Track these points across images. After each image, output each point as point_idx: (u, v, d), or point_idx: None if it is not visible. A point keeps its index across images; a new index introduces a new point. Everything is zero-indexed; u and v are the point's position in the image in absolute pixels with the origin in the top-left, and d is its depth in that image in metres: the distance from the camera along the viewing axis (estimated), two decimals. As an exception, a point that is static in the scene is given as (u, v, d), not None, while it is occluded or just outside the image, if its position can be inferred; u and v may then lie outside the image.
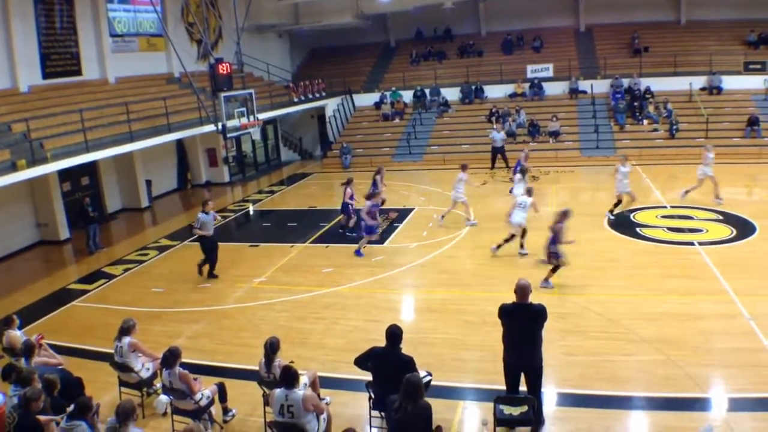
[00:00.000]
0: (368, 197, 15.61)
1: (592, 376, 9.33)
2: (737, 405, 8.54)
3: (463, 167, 17.35)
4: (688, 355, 9.87)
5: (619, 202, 17.35)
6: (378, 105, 31.52)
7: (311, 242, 17.12)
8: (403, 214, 18.86)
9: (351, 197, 17.35)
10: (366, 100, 32.37)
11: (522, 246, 14.68)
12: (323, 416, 7.34)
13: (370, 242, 15.58)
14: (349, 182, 17.57)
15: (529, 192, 14.69)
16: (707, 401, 8.73)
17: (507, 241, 14.56)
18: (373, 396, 7.62)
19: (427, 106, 30.76)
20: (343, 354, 9.68)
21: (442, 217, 17.63)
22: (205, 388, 8.24)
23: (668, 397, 8.77)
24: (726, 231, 15.95)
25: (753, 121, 26.19)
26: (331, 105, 31.56)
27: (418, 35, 35.50)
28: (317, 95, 30.73)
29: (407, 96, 31.35)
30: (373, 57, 35.33)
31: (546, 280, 12.60)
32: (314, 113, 32.52)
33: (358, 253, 15.37)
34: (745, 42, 30.90)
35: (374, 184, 18.04)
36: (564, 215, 12.59)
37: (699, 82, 29.32)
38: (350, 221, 17.45)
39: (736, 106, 28.10)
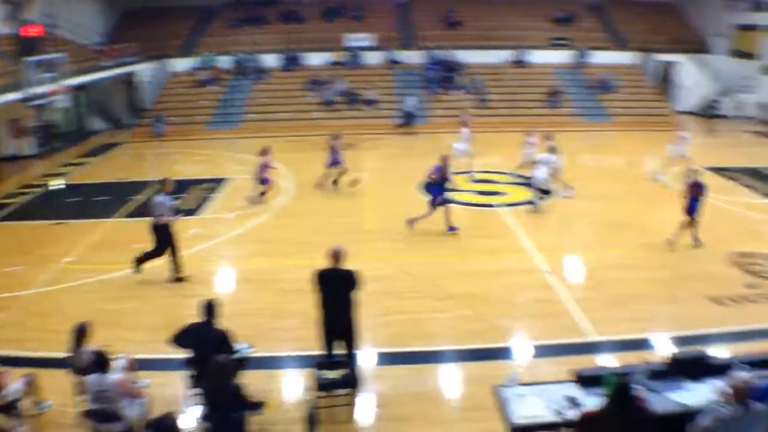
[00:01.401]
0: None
1: (407, 335, 9.86)
2: (538, 351, 9.49)
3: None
4: (493, 309, 10.76)
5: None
6: (194, 71, 30.23)
7: (122, 217, 16.31)
8: (218, 183, 18.51)
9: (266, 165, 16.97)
10: (182, 65, 30.76)
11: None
12: (141, 400, 7.11)
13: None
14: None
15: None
16: (511, 350, 9.60)
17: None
18: (192, 374, 7.52)
19: (246, 72, 30.18)
20: (159, 333, 9.06)
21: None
22: (13, 382, 7.71)
23: (477, 348, 9.54)
24: (526, 193, 17.30)
25: (554, 93, 28.52)
26: (144, 70, 29.97)
27: None
28: (130, 60, 28.84)
29: (225, 61, 30.44)
30: (192, 20, 33.58)
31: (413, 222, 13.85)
32: (127, 79, 30.62)
33: None
34: (553, 19, 33.31)
35: (333, 150, 17.74)
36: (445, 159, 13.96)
37: (508, 55, 31.23)
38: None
39: (540, 78, 30.38)
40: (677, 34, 33.17)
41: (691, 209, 13.25)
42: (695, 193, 13.19)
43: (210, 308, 7.40)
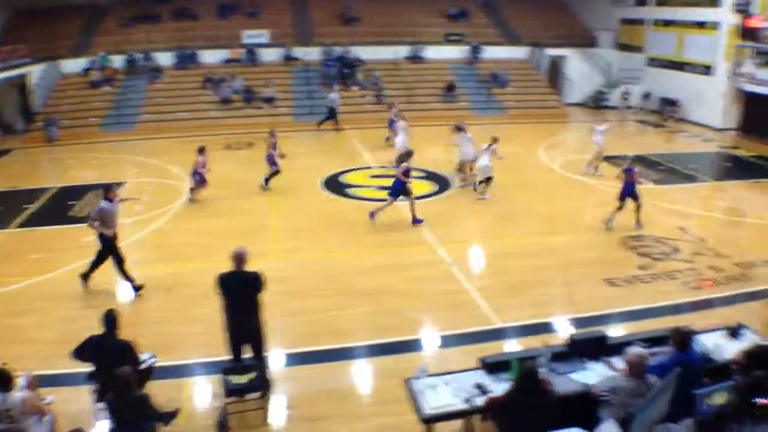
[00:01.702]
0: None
1: (316, 333, 9.83)
2: (446, 341, 9.69)
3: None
4: (399, 302, 10.89)
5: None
6: (86, 71, 28.71)
7: (16, 228, 15.29)
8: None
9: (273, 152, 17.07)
10: (74, 66, 28.96)
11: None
12: (47, 417, 6.75)
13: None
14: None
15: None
16: (420, 342, 9.76)
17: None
18: (96, 388, 7.21)
19: (140, 71, 29.13)
20: (60, 347, 8.51)
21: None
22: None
23: (386, 342, 9.62)
24: (428, 187, 17.62)
25: (450, 88, 29.14)
26: (35, 72, 28.27)
27: None
28: (20, 62, 26.99)
29: (118, 61, 29.21)
30: (83, 19, 31.67)
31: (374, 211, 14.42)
32: (18, 82, 28.77)
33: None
34: (446, 15, 33.94)
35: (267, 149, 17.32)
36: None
37: (404, 51, 31.60)
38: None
39: (436, 73, 30.90)
40: (566, 29, 34.44)
41: (624, 193, 14.19)
42: (629, 178, 14.12)
43: (110, 319, 7.12)
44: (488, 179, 16.67)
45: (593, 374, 6.79)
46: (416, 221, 14.74)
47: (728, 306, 10.88)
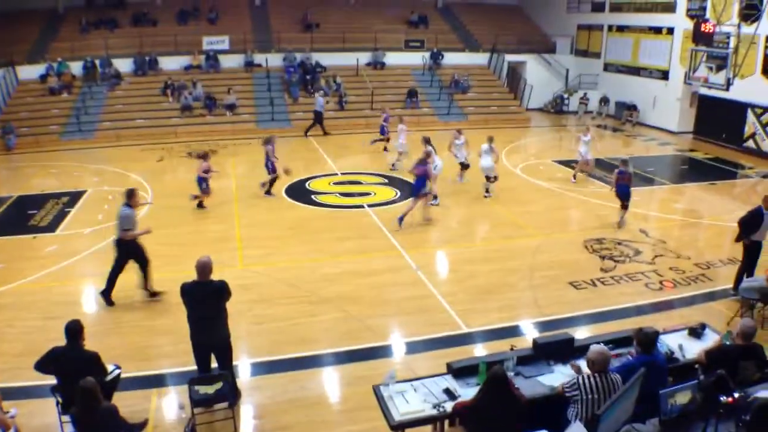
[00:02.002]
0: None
1: (282, 342, 9.74)
2: (414, 347, 9.71)
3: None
4: (366, 308, 10.87)
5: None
6: (44, 78, 28.08)
7: None
8: (74, 197, 17.44)
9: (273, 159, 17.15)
10: (31, 72, 28.14)
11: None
12: (10, 431, 6.66)
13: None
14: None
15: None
16: (388, 348, 9.75)
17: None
18: (60, 400, 7.05)
19: (99, 78, 28.61)
20: (22, 360, 8.56)
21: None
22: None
23: (353, 349, 9.58)
24: (391, 193, 17.66)
25: (412, 93, 29.34)
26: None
27: (89, 1, 32.18)
28: None
29: (76, 67, 28.68)
30: (39, 24, 30.80)
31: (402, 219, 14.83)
32: None
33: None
34: (407, 22, 34.12)
35: (267, 156, 17.12)
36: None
37: (365, 57, 31.68)
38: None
39: (397, 79, 31.11)
40: (524, 35, 34.87)
41: (621, 194, 14.88)
42: (621, 180, 14.75)
43: (74, 330, 6.97)
44: (495, 177, 17.26)
45: (560, 376, 6.87)
46: (401, 219, 14.94)
47: (690, 306, 11.13)
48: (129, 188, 11.19)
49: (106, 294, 11.04)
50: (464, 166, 18.57)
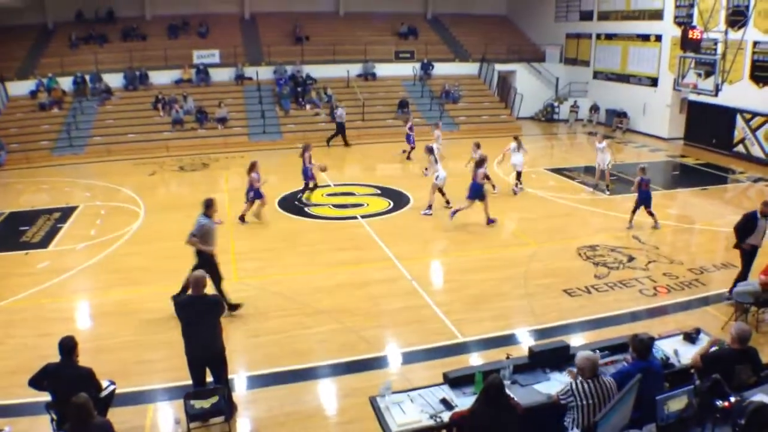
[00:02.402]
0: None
1: (277, 354, 9.71)
2: (410, 358, 9.69)
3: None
4: (361, 320, 10.86)
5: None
6: (34, 93, 27.95)
7: None
8: (66, 212, 17.38)
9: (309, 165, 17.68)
10: (21, 88, 28.07)
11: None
12: None
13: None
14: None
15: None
16: (384, 359, 9.73)
17: None
18: (55, 417, 6.98)
19: (89, 93, 28.49)
20: (16, 377, 8.49)
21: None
22: None
23: (349, 361, 9.55)
24: (384, 204, 17.66)
25: (403, 104, 29.40)
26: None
27: (78, 17, 32.17)
28: None
29: (66, 83, 28.58)
30: (29, 40, 30.80)
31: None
32: None
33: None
34: (397, 33, 34.29)
35: (304, 163, 17.71)
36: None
37: (356, 69, 31.77)
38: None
39: (388, 90, 31.20)
40: (514, 44, 34.97)
41: (641, 201, 15.22)
42: (645, 186, 15.03)
43: (68, 346, 6.92)
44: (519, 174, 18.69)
45: (556, 384, 6.87)
46: (490, 221, 15.72)
47: (684, 311, 11.16)
48: (207, 198, 11.11)
49: (229, 306, 10.75)
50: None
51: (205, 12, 33.26)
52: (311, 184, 18.16)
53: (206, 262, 10.40)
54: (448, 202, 16.88)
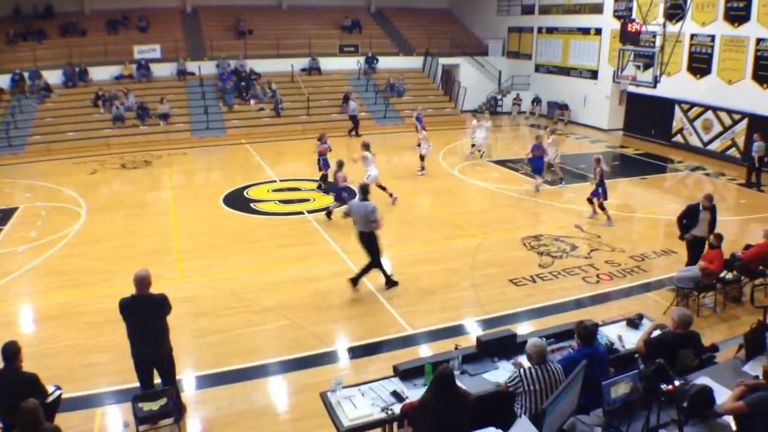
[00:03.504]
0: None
1: (226, 353, 9.60)
2: (360, 352, 9.71)
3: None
4: (309, 315, 10.82)
5: None
6: None
7: None
8: (6, 214, 16.79)
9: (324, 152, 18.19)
10: None
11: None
12: None
13: None
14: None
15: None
16: (334, 354, 9.72)
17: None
18: (1, 425, 6.76)
19: (28, 91, 27.48)
20: None
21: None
22: None
23: (299, 357, 9.51)
24: (330, 199, 17.56)
25: (348, 99, 29.22)
26: None
27: (15, 12, 30.85)
28: None
29: (4, 80, 27.43)
30: None
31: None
32: None
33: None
34: (341, 26, 34.15)
35: (321, 153, 18.22)
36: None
37: (300, 63, 31.55)
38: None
39: (333, 85, 31.05)
40: (457, 38, 35.27)
41: (595, 193, 15.46)
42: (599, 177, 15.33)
43: (11, 352, 6.72)
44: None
45: (505, 372, 6.97)
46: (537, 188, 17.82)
47: (627, 298, 11.46)
48: (363, 183, 12.39)
49: (389, 281, 11.85)
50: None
51: (145, 6, 32.46)
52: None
53: (372, 240, 11.55)
54: (391, 195, 16.93)
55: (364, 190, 11.76)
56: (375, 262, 11.65)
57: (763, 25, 21.05)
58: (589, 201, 15.74)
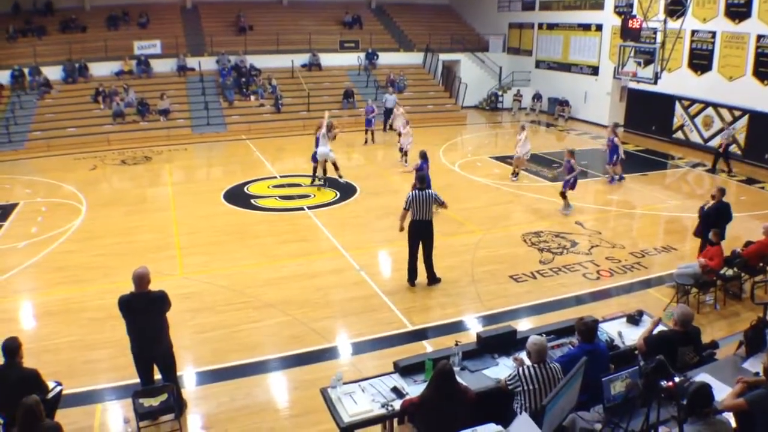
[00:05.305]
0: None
1: (226, 349, 9.60)
2: (360, 348, 9.71)
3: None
4: (310, 311, 10.81)
5: None
6: None
7: None
8: (6, 210, 16.78)
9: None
10: None
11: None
12: None
13: None
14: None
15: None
16: (334, 350, 9.72)
17: None
18: (2, 421, 6.74)
19: (28, 87, 27.41)
20: None
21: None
22: None
23: (298, 353, 9.51)
24: (331, 194, 17.61)
25: (348, 94, 29.29)
26: None
27: (15, 9, 30.81)
28: None
29: (4, 76, 27.39)
30: None
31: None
32: None
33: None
34: (341, 22, 34.11)
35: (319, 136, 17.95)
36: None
37: (300, 59, 31.52)
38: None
39: (333, 80, 31.03)
40: (457, 34, 35.23)
41: (565, 184, 15.94)
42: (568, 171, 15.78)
43: (12, 348, 6.73)
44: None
45: (505, 369, 6.98)
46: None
47: (627, 294, 11.48)
48: (420, 173, 12.39)
49: (433, 279, 11.95)
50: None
51: (145, 1, 32.38)
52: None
53: (430, 231, 11.77)
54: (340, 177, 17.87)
55: (422, 179, 11.75)
56: (431, 251, 11.85)
57: (764, 22, 21.01)
58: (562, 195, 15.82)
